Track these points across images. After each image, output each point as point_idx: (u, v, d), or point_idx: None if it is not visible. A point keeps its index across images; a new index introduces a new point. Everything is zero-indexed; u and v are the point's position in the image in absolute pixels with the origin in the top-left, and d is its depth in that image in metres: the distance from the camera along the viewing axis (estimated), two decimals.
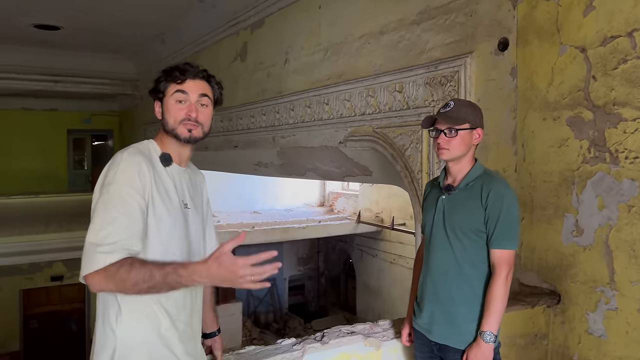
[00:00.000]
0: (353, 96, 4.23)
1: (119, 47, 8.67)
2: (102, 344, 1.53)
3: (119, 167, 1.53)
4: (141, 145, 1.66)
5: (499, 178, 2.08)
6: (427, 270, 2.12)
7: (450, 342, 2.02)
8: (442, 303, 2.05)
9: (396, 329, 2.42)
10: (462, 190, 2.04)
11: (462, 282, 2.01)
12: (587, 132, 2.67)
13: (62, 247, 9.42)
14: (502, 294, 1.93)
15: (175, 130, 1.65)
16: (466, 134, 2.01)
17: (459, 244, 2.00)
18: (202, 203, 1.82)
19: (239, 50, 6.21)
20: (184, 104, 1.66)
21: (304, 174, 5.69)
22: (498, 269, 1.94)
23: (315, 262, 14.35)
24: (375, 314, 12.01)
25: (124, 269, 1.41)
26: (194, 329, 1.68)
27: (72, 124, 11.92)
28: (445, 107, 2.03)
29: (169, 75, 1.66)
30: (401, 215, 10.77)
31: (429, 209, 2.15)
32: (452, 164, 2.06)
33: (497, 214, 1.94)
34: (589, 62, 2.66)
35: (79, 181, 12.20)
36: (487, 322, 1.92)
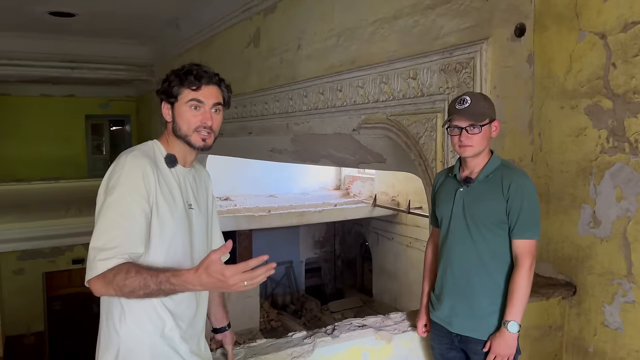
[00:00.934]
0: (366, 83, 4.18)
1: (133, 33, 8.67)
2: (106, 344, 1.56)
3: (122, 171, 1.52)
4: (146, 147, 1.65)
5: (518, 169, 2.08)
6: (446, 262, 2.11)
7: (472, 334, 2.03)
8: (463, 295, 2.05)
9: (409, 321, 2.41)
10: (482, 182, 2.03)
11: (484, 274, 2.00)
12: (606, 121, 2.60)
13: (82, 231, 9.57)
14: (526, 284, 1.93)
15: (189, 138, 1.65)
16: (487, 128, 1.99)
17: (480, 236, 2.00)
18: (206, 202, 1.81)
19: (252, 35, 6.16)
20: (198, 111, 1.64)
21: (318, 160, 5.67)
22: (521, 260, 1.94)
23: (331, 245, 14.40)
24: (391, 297, 12.05)
25: (120, 277, 1.42)
26: (198, 326, 1.69)
27: (90, 110, 12.04)
28: (462, 103, 1.99)
29: (183, 80, 1.63)
30: (417, 199, 10.70)
31: (445, 202, 2.13)
32: (471, 157, 2.04)
33: (519, 205, 1.94)
34: (609, 48, 2.57)
35: (98, 166, 12.35)
36: (511, 312, 1.93)
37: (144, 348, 1.54)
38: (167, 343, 1.57)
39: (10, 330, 10.08)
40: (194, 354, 1.63)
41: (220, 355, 1.95)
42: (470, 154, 2.01)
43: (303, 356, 2.10)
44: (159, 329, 1.56)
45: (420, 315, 2.25)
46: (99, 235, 1.48)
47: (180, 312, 1.61)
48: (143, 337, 1.54)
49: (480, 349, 1.99)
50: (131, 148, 1.62)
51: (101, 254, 1.45)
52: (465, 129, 1.98)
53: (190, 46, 8.04)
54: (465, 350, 2.09)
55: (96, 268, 1.44)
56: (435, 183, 2.27)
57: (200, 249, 1.70)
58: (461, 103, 2.00)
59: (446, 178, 2.20)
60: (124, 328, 1.53)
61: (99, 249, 1.45)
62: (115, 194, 1.50)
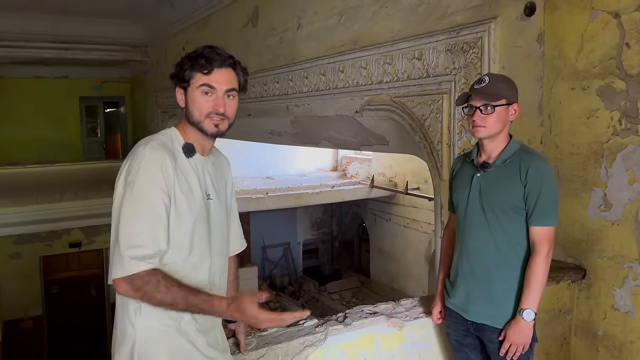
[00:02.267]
0: (369, 63, 4.10)
1: (127, 13, 8.51)
2: (122, 337, 1.52)
3: (141, 163, 1.47)
4: (164, 136, 1.58)
5: (537, 154, 2.03)
6: (462, 249, 2.07)
7: (488, 321, 2.00)
8: (479, 282, 2.01)
9: (421, 307, 2.39)
10: (499, 167, 1.97)
11: (500, 260, 1.96)
12: (619, 102, 2.55)
13: (79, 214, 9.54)
14: (543, 271, 1.89)
15: (201, 124, 1.58)
16: (503, 110, 1.93)
17: (496, 222, 1.95)
18: (225, 191, 1.76)
19: (249, 15, 6.04)
20: (210, 96, 1.57)
21: (319, 143, 5.61)
22: (538, 247, 1.90)
23: (329, 226, 14.41)
24: (389, 277, 12.10)
25: (151, 287, 1.42)
26: (215, 319, 1.65)
27: (83, 91, 11.87)
28: (480, 83, 1.94)
29: (194, 63, 1.56)
30: (415, 180, 10.69)
31: (461, 187, 2.08)
32: (487, 141, 1.98)
33: (537, 191, 1.88)
34: (623, 28, 2.51)
35: (93, 149, 12.24)
36: (527, 299, 1.89)
37: (160, 342, 1.51)
38: (183, 337, 1.53)
39: (8, 314, 10.05)
40: (211, 347, 1.60)
41: (232, 345, 1.91)
42: (483, 135, 1.95)
43: (315, 345, 2.07)
44: (176, 323, 1.52)
45: (436, 302, 2.22)
46: (124, 230, 1.44)
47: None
48: (159, 330, 1.51)
49: (496, 337, 1.97)
50: (148, 137, 1.56)
51: (130, 252, 1.42)
52: (479, 109, 1.92)
53: (186, 26, 7.89)
54: (481, 338, 2.06)
55: (123, 267, 1.42)
56: (452, 168, 2.22)
57: (218, 241, 1.65)
58: (479, 83, 1.94)
59: (463, 163, 2.15)
60: (140, 321, 1.49)
61: (126, 247, 1.42)
62: (136, 188, 1.45)
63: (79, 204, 9.48)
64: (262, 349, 1.98)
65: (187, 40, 7.85)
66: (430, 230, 10.46)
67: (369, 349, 2.25)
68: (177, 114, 8.59)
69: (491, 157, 2.00)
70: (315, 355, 2.10)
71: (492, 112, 1.91)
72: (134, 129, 12.13)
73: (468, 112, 1.97)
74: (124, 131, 12.48)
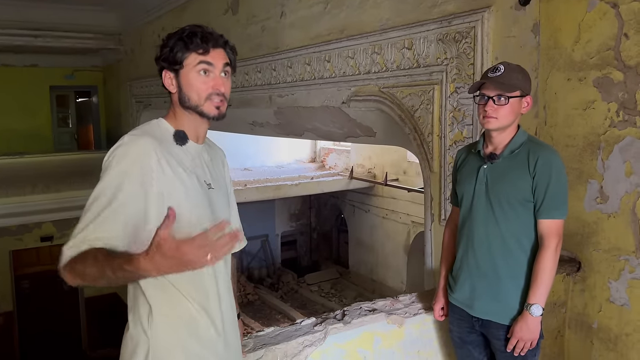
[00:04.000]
0: (357, 53, 4.01)
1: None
2: (135, 344, 1.40)
3: (116, 151, 1.34)
4: (148, 126, 1.46)
5: (545, 144, 1.97)
6: (467, 243, 2.00)
7: (494, 317, 1.94)
8: (486, 277, 1.94)
9: (419, 304, 2.33)
10: (506, 159, 1.91)
11: (507, 255, 1.90)
12: (616, 94, 2.52)
13: (50, 207, 9.24)
14: (552, 266, 1.84)
15: (201, 107, 1.45)
16: (516, 102, 1.86)
17: (503, 215, 1.89)
18: (224, 181, 1.65)
19: (229, 2, 5.87)
20: (209, 77, 1.45)
21: (302, 134, 5.51)
22: (547, 240, 1.84)
23: (307, 217, 14.33)
24: (367, 268, 12.11)
25: (81, 265, 1.25)
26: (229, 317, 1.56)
27: (54, 81, 11.44)
28: (495, 71, 1.86)
29: (188, 43, 1.43)
30: (394, 171, 10.69)
31: (467, 179, 2.01)
32: (496, 133, 1.91)
33: (546, 182, 1.83)
34: (621, 18, 2.47)
35: (64, 140, 11.86)
36: (535, 294, 1.84)
37: (176, 351, 1.39)
38: (200, 343, 1.42)
39: None
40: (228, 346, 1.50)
41: None
42: (494, 127, 1.88)
43: (315, 344, 2.00)
44: (192, 329, 1.41)
45: (438, 298, 2.16)
46: (80, 223, 1.31)
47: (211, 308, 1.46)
48: (174, 339, 1.39)
49: (502, 334, 1.92)
50: (134, 128, 1.44)
51: (70, 242, 1.28)
52: (492, 99, 1.85)
53: (162, 13, 7.66)
54: (485, 334, 2.01)
55: (63, 256, 1.27)
56: (456, 160, 2.15)
57: None
58: (494, 71, 1.87)
59: (468, 154, 2.08)
60: (153, 329, 1.37)
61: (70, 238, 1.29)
62: (105, 179, 1.32)
63: (50, 196, 9.18)
64: (260, 350, 1.90)
65: (162, 28, 7.62)
66: (409, 221, 10.48)
67: (368, 347, 2.18)
68: (153, 103, 8.36)
69: (498, 149, 1.94)
70: (314, 355, 2.02)
71: (506, 103, 1.84)
72: (106, 120, 11.80)
73: (479, 101, 1.90)
74: (97, 122, 12.13)
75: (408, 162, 10.30)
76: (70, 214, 9.74)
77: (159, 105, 7.95)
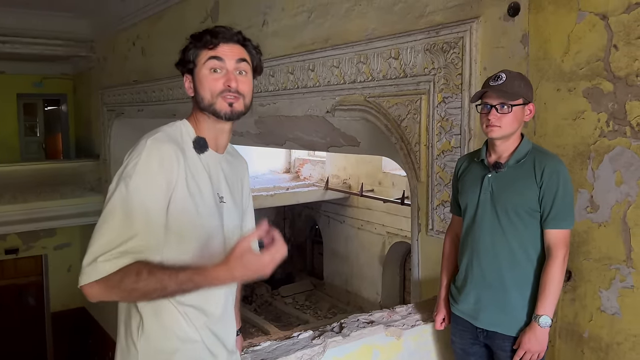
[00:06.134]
0: (342, 62, 3.99)
1: (73, 5, 8.02)
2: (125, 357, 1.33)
3: (140, 157, 1.28)
4: (171, 129, 1.39)
5: (551, 153, 1.96)
6: (472, 253, 1.97)
7: (500, 329, 1.91)
8: (492, 288, 1.92)
9: (417, 315, 2.29)
10: (512, 168, 1.90)
11: (514, 265, 1.89)
12: (606, 104, 2.55)
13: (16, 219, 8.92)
14: (559, 276, 1.83)
15: (214, 106, 1.39)
16: (519, 109, 1.85)
17: (510, 225, 1.87)
18: (241, 194, 1.58)
19: (209, 10, 5.80)
20: (220, 73, 1.40)
21: (284, 143, 5.45)
22: (555, 251, 1.83)
23: (281, 229, 14.20)
24: (342, 279, 12.06)
25: (130, 279, 1.19)
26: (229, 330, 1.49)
27: (22, 88, 11.11)
28: (496, 80, 1.85)
29: (198, 40, 1.39)
30: (369, 182, 10.71)
31: (470, 188, 1.99)
32: (500, 141, 1.90)
33: (553, 192, 1.82)
34: (611, 30, 2.51)
35: (31, 149, 11.52)
36: (543, 305, 1.82)
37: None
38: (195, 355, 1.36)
39: None
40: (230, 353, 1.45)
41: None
42: (497, 136, 1.87)
43: (314, 359, 1.93)
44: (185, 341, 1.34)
45: (439, 309, 2.13)
46: (105, 234, 1.22)
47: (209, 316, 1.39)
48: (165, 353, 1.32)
49: (508, 345, 1.89)
50: (155, 130, 1.37)
51: (105, 255, 1.20)
52: (495, 107, 1.84)
53: (137, 20, 7.51)
54: (490, 346, 1.98)
55: (97, 270, 1.19)
56: (457, 169, 2.13)
57: None
58: (495, 79, 1.86)
59: (470, 163, 2.06)
60: (142, 342, 1.31)
61: (104, 249, 1.20)
62: (131, 185, 1.25)
63: (16, 207, 8.87)
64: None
65: (137, 36, 7.48)
66: (384, 232, 10.50)
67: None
68: (125, 112, 8.18)
69: (502, 157, 1.93)
70: None
71: (509, 111, 1.83)
72: (76, 128, 11.50)
73: (482, 110, 1.89)
74: (65, 130, 11.81)
75: (383, 173, 10.34)
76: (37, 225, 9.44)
77: (132, 114, 7.77)
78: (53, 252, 10.90)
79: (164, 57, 6.30)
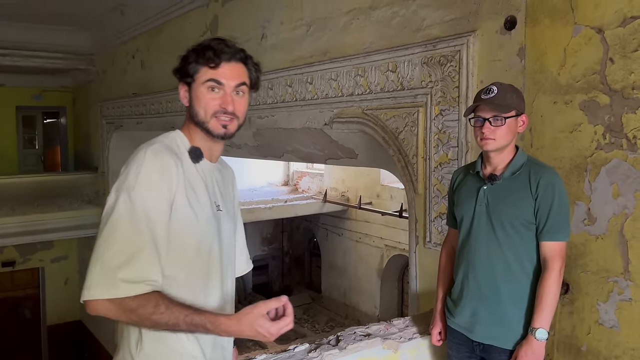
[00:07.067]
0: (340, 75, 4.01)
1: (73, 19, 8.06)
2: None
3: (142, 168, 1.28)
4: (167, 139, 1.40)
5: (546, 165, 1.96)
6: (468, 265, 1.97)
7: (496, 342, 1.90)
8: (488, 301, 1.91)
9: (414, 328, 2.28)
10: (507, 180, 1.90)
11: (510, 277, 1.88)
12: (603, 117, 2.56)
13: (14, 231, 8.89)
14: (556, 289, 1.82)
15: (207, 125, 1.41)
16: (512, 121, 1.86)
17: (506, 237, 1.87)
18: (233, 202, 1.59)
19: (208, 24, 5.84)
20: (217, 93, 1.41)
21: (282, 156, 5.45)
22: (551, 263, 1.83)
23: (279, 241, 14.17)
24: (340, 293, 12.00)
25: (147, 310, 1.21)
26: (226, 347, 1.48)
27: (21, 101, 11.14)
28: (488, 93, 1.86)
29: (200, 56, 1.39)
30: (367, 194, 10.70)
31: (466, 200, 1.99)
32: (495, 153, 1.91)
33: (548, 204, 1.82)
34: (606, 43, 2.53)
35: (29, 161, 11.51)
36: (540, 318, 1.81)
37: None
38: None
39: None
40: None
41: None
42: (492, 148, 1.88)
43: None
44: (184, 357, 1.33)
45: (435, 322, 2.11)
46: (114, 243, 1.22)
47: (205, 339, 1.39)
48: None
49: (504, 358, 1.88)
50: (151, 140, 1.37)
51: (124, 273, 1.20)
52: (488, 120, 1.85)
53: (136, 34, 7.56)
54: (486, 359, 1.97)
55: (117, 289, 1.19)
56: (453, 181, 2.13)
57: (229, 259, 1.48)
58: (487, 92, 1.87)
59: (466, 175, 2.07)
60: (142, 356, 1.29)
61: (116, 267, 1.20)
62: (135, 198, 1.25)
63: (14, 219, 8.84)
64: None
65: (137, 49, 7.52)
66: (382, 245, 10.47)
67: None
68: (124, 124, 8.19)
69: (498, 169, 1.93)
70: None
71: (503, 124, 1.84)
72: (74, 141, 11.51)
73: (475, 123, 1.89)
74: (64, 143, 11.82)
75: (381, 186, 10.34)
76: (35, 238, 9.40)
77: (131, 126, 7.79)
78: (50, 264, 10.85)
79: (163, 70, 6.33)
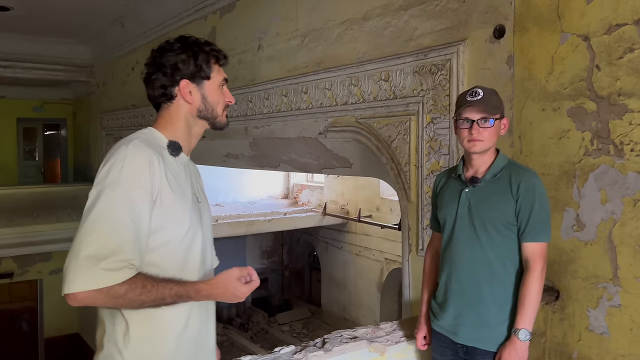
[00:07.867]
0: (334, 85, 4.05)
1: (74, 31, 8.16)
2: None
3: (125, 162, 1.30)
4: (145, 135, 1.43)
5: (526, 168, 1.98)
6: (451, 268, 1.97)
7: (479, 344, 1.90)
8: (471, 303, 1.91)
9: (401, 331, 2.27)
10: (489, 182, 1.91)
11: (492, 279, 1.88)
12: (590, 123, 2.58)
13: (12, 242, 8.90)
14: (538, 289, 1.83)
15: (218, 118, 1.55)
16: (497, 123, 1.89)
17: (488, 239, 1.87)
18: (204, 193, 1.64)
19: (206, 35, 5.90)
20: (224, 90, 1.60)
21: (278, 166, 5.48)
22: (533, 264, 1.83)
23: (279, 255, 14.15)
24: (340, 307, 11.95)
25: (136, 292, 1.24)
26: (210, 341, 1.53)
27: (22, 113, 11.22)
28: (474, 95, 1.89)
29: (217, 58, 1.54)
30: (367, 207, 10.71)
31: (448, 203, 2.00)
32: (477, 155, 1.92)
33: (529, 206, 1.83)
34: (593, 51, 2.56)
35: (29, 173, 11.55)
36: (522, 319, 1.81)
37: None
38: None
39: None
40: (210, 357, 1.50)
41: None
42: (480, 150, 1.89)
43: None
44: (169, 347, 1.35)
45: (420, 326, 2.11)
46: (98, 236, 1.23)
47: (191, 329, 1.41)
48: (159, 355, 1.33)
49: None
50: (128, 137, 1.40)
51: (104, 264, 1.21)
52: (476, 122, 1.87)
53: (136, 46, 7.65)
54: None
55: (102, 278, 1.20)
56: (435, 185, 2.15)
57: (210, 250, 1.52)
58: (473, 95, 1.89)
59: (448, 179, 2.08)
60: (130, 350, 1.30)
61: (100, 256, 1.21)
62: (120, 191, 1.27)
63: (12, 230, 8.85)
64: None
65: (137, 61, 7.59)
66: (382, 258, 10.45)
67: None
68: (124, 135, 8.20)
69: (479, 172, 1.95)
70: None
71: (491, 125, 1.86)
72: (75, 153, 11.57)
73: (462, 125, 1.91)
74: (64, 155, 11.88)
75: (381, 199, 10.35)
76: (33, 249, 9.39)
77: None
78: (48, 276, 10.81)
79: None
